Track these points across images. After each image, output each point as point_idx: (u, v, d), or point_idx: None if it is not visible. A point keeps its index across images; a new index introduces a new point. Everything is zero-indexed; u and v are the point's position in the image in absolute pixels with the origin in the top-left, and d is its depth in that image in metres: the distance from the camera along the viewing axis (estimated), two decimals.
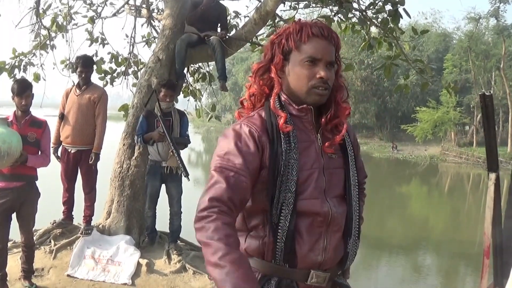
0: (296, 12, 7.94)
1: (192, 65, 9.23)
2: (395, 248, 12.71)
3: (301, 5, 7.86)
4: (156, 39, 8.84)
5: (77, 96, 7.02)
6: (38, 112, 5.80)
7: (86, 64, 7.09)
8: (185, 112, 7.38)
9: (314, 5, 7.73)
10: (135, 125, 7.11)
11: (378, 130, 56.73)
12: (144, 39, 10.56)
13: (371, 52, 8.21)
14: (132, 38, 9.86)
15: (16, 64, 9.17)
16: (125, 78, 9.88)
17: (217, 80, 7.78)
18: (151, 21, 9.97)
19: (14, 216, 5.50)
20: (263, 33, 8.88)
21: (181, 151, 6.74)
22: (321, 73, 2.10)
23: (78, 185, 7.24)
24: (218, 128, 58.40)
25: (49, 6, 9.50)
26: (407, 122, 48.13)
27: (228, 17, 8.51)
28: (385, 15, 7.37)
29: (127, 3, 9.76)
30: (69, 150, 7.01)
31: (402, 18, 7.15)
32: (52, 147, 6.39)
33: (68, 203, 7.24)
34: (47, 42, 9.46)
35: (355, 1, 7.28)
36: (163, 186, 7.00)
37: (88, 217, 7.09)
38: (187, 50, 7.43)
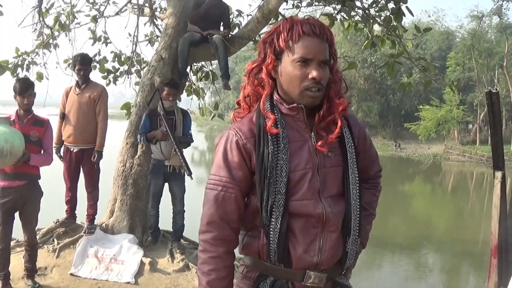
0: (299, 10, 7.93)
1: (195, 64, 9.22)
2: (398, 247, 12.68)
3: (304, 3, 7.85)
4: (159, 38, 8.83)
5: (77, 95, 7.01)
6: (41, 111, 5.80)
7: (84, 62, 7.07)
8: (188, 111, 7.37)
9: (317, 3, 7.71)
10: (138, 124, 7.10)
11: (381, 128, 56.64)
12: (147, 38, 10.57)
13: (374, 50, 8.20)
14: (135, 37, 9.86)
15: (19, 63, 9.18)
16: (128, 77, 9.89)
17: (220, 79, 7.77)
18: (154, 20, 9.97)
19: (17, 215, 5.51)
20: (266, 32, 8.86)
21: (184, 149, 6.73)
22: (313, 74, 2.04)
23: (81, 184, 7.24)
24: (221, 126, 58.43)
25: (52, 5, 9.51)
26: (410, 121, 48.05)
27: (230, 15, 8.49)
28: (388, 13, 7.35)
29: (130, 2, 9.76)
30: (71, 149, 7.00)
31: (405, 16, 7.14)
32: (54, 147, 6.38)
33: (71, 202, 7.24)
34: (50, 41, 9.48)
35: None
36: (166, 185, 7.00)
37: (91, 216, 7.09)
38: (190, 49, 7.41)
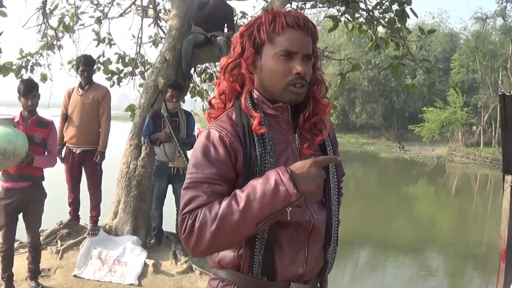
0: (303, 12, 7.92)
1: (199, 66, 9.25)
2: (402, 249, 12.67)
3: (308, 5, 7.85)
4: (163, 40, 8.85)
5: (80, 96, 7.02)
6: (45, 112, 5.80)
7: (88, 63, 7.09)
8: (192, 113, 7.37)
9: (321, 5, 7.71)
10: (142, 126, 7.10)
11: (385, 130, 56.62)
12: (151, 39, 10.60)
13: (378, 52, 8.19)
14: (139, 39, 9.89)
15: (23, 64, 9.19)
16: (132, 79, 9.91)
17: None
18: (158, 21, 9.99)
19: (20, 216, 5.51)
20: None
21: (188, 151, 6.72)
22: (298, 68, 1.90)
23: (84, 185, 7.24)
24: None
25: (56, 7, 9.52)
26: (414, 122, 48.01)
27: (235, 17, 8.49)
28: (392, 15, 7.35)
29: (134, 3, 9.78)
30: (74, 151, 7.00)
31: (409, 18, 7.13)
32: (57, 147, 6.38)
33: (74, 203, 7.24)
34: (54, 42, 9.48)
35: (362, 1, 7.27)
36: (170, 186, 7.00)
37: (94, 218, 7.09)
38: (194, 51, 7.43)
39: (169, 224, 7.32)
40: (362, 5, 7.30)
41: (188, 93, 8.51)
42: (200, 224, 1.73)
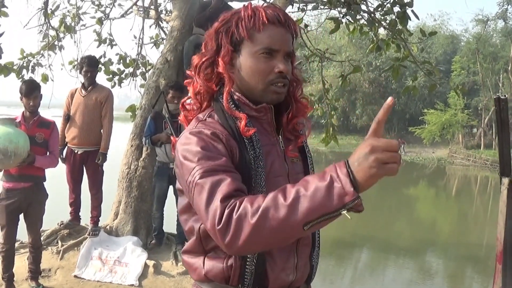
0: (304, 13, 7.93)
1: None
2: (402, 251, 12.64)
3: (309, 6, 7.85)
4: (164, 41, 8.85)
5: (83, 97, 7.03)
6: (46, 112, 5.81)
7: (91, 64, 7.10)
8: None
9: (322, 7, 7.71)
10: (143, 127, 7.11)
11: (386, 132, 56.56)
12: (152, 40, 10.59)
13: (379, 54, 8.19)
14: (140, 39, 9.91)
15: (24, 64, 9.19)
16: (133, 79, 9.92)
17: None
18: (159, 22, 10.00)
19: (21, 216, 5.51)
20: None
21: None
22: (280, 67, 1.80)
23: (85, 186, 7.25)
24: None
25: (58, 7, 9.52)
26: (415, 124, 48.00)
27: None
28: (393, 17, 7.35)
29: (135, 4, 9.79)
30: (76, 151, 7.01)
31: (411, 20, 7.14)
32: (58, 147, 6.39)
33: (75, 204, 7.25)
34: (55, 42, 9.49)
35: (363, 3, 7.27)
36: (171, 187, 7.00)
37: (95, 218, 7.10)
38: (195, 52, 7.42)
39: (169, 225, 7.32)
40: (363, 7, 7.30)
41: (188, 93, 8.51)
42: (239, 215, 1.48)
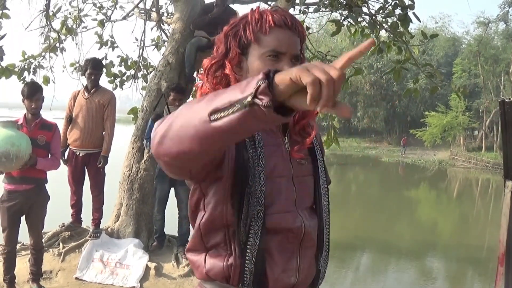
0: (306, 16, 7.93)
1: (201, 69, 9.25)
2: (403, 253, 12.65)
3: (311, 9, 7.85)
4: (166, 43, 8.86)
5: (86, 99, 7.03)
6: (47, 114, 5.81)
7: (96, 67, 7.10)
8: None
9: (324, 10, 7.72)
10: (144, 129, 7.12)
11: (387, 134, 56.68)
12: (153, 42, 10.60)
13: (380, 56, 8.19)
14: (142, 42, 9.92)
15: (26, 66, 9.21)
16: (134, 82, 9.94)
17: None
18: (161, 24, 10.00)
19: (23, 218, 5.51)
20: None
21: None
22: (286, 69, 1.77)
23: (86, 188, 7.25)
24: None
25: (59, 9, 9.54)
26: (416, 127, 48.02)
27: None
28: (394, 19, 7.35)
29: (137, 6, 9.80)
30: (77, 153, 7.01)
31: (412, 22, 7.13)
32: (60, 150, 6.39)
33: (77, 206, 7.26)
34: (57, 45, 9.51)
35: (364, 5, 7.27)
36: (172, 189, 7.01)
37: (96, 220, 7.11)
38: (197, 54, 7.44)
39: (171, 227, 7.33)
40: (365, 9, 7.31)
41: (190, 96, 8.51)
42: (162, 121, 1.48)
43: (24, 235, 5.75)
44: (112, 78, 10.01)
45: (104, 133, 7.04)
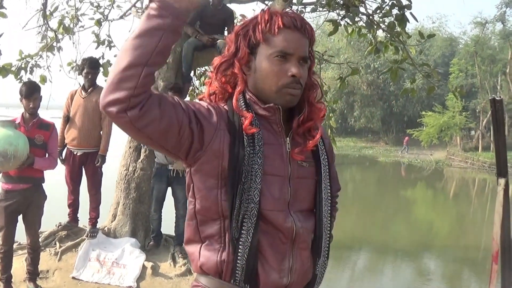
0: (303, 15, 7.94)
1: (198, 68, 9.24)
2: (400, 253, 12.67)
3: (308, 9, 7.86)
4: None
5: (83, 98, 7.02)
6: (44, 114, 5.80)
7: (93, 66, 7.10)
8: None
9: (321, 9, 7.72)
10: None
11: (384, 134, 56.71)
12: None
13: (377, 56, 8.19)
14: None
15: (23, 66, 9.17)
16: None
17: None
18: None
19: (20, 218, 5.51)
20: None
21: None
22: (293, 71, 1.83)
23: (83, 187, 7.25)
24: None
25: (56, 8, 9.50)
26: (413, 127, 48.06)
27: (235, 20, 8.51)
28: (392, 19, 7.35)
29: (134, 5, 9.77)
30: (75, 153, 7.01)
31: (409, 22, 7.13)
32: (58, 149, 6.39)
33: (73, 205, 7.25)
34: (54, 44, 9.47)
35: (362, 5, 7.28)
36: (169, 189, 7.01)
37: (93, 220, 7.10)
38: (194, 54, 7.43)
39: (168, 226, 7.33)
40: (362, 9, 7.30)
41: (187, 96, 8.52)
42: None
43: (21, 234, 5.75)
44: None
45: (101, 132, 7.04)
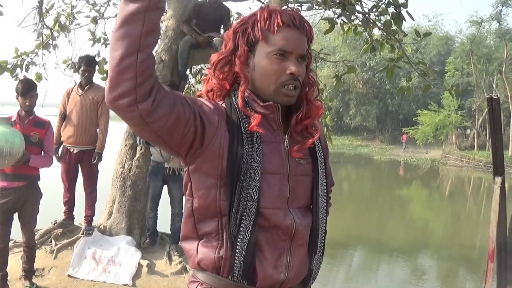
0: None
1: (194, 66, 9.23)
2: (395, 251, 12.67)
3: (304, 7, 7.85)
4: (159, 40, 8.85)
5: (79, 96, 7.02)
6: (39, 111, 5.79)
7: (90, 64, 7.10)
8: None
9: (317, 8, 7.72)
10: None
11: (379, 132, 56.80)
12: None
13: (373, 54, 8.19)
14: None
15: (18, 63, 9.17)
16: None
17: None
18: None
19: (15, 216, 5.50)
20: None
21: None
22: (291, 69, 1.83)
23: (79, 185, 7.24)
24: None
25: (52, 6, 9.51)
26: (409, 125, 48.17)
27: (231, 18, 8.50)
28: (388, 18, 7.35)
29: None
30: (71, 150, 7.00)
31: (405, 21, 7.13)
32: (53, 147, 6.38)
33: (69, 203, 7.24)
34: (50, 41, 9.47)
35: (358, 3, 7.27)
36: (165, 187, 7.01)
37: (89, 217, 7.10)
38: (190, 52, 7.42)
39: (163, 224, 7.32)
40: (358, 8, 7.30)
41: (183, 93, 8.51)
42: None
43: (16, 232, 5.74)
44: (105, 75, 9.98)
45: (98, 130, 7.04)
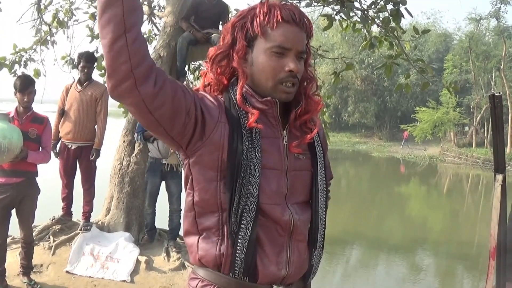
0: None
1: (193, 63, 9.22)
2: (393, 248, 12.70)
3: (303, 3, 7.84)
4: (157, 36, 8.83)
5: (78, 92, 7.02)
6: (38, 107, 5.78)
7: (89, 60, 7.11)
8: None
9: (316, 4, 7.70)
10: (135, 122, 7.11)
11: (378, 129, 56.80)
12: (145, 36, 10.54)
13: (372, 51, 8.19)
14: None
15: (17, 59, 9.15)
16: None
17: None
18: (152, 18, 9.97)
19: (13, 212, 5.49)
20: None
21: None
22: (290, 66, 1.80)
23: (77, 181, 7.24)
24: None
25: (51, 2, 9.49)
26: (407, 122, 48.22)
27: (229, 14, 8.49)
28: (386, 14, 7.34)
29: None
30: (69, 146, 7.00)
31: (404, 18, 7.13)
32: (51, 143, 6.38)
33: (67, 199, 7.24)
34: (48, 38, 9.46)
35: (356, 0, 7.27)
36: (163, 183, 7.01)
37: (87, 214, 7.10)
38: (189, 48, 7.41)
39: (161, 221, 7.33)
40: (357, 4, 7.30)
41: None
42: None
43: (14, 228, 5.73)
44: (103, 71, 9.97)
45: (96, 126, 7.04)
